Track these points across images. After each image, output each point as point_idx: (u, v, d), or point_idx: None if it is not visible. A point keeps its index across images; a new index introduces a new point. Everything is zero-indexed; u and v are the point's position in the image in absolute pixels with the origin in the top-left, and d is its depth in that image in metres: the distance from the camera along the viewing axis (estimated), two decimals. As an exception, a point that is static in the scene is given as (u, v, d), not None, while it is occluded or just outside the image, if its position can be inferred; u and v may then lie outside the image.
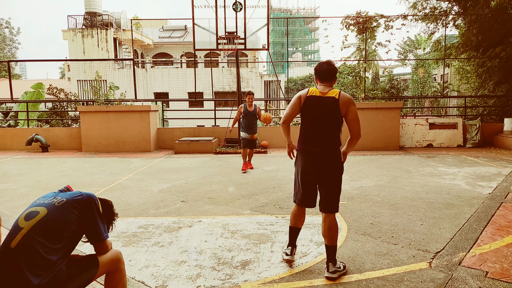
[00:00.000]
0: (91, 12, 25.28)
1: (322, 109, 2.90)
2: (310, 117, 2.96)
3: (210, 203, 5.08)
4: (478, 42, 12.73)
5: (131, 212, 4.72)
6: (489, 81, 13.04)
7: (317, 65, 3.08)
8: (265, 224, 4.17)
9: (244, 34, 10.19)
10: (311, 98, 2.94)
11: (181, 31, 29.81)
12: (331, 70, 3.00)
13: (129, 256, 3.34)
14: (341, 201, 5.07)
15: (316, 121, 2.93)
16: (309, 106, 2.94)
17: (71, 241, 2.04)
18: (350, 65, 13.79)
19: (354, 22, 12.94)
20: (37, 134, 11.01)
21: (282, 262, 3.18)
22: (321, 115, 2.91)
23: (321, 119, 2.91)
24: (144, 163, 8.62)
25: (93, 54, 24.61)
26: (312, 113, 2.94)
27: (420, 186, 5.90)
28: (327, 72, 3.00)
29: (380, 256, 3.29)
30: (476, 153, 9.58)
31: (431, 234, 3.79)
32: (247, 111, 7.48)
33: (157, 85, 24.22)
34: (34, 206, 2.06)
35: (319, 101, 2.91)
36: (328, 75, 3.00)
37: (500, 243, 3.50)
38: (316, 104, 2.91)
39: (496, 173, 6.90)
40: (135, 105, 12.39)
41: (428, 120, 11.22)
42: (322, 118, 2.91)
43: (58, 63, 40.10)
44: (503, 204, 4.79)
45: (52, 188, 6.09)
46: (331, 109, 2.88)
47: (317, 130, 2.95)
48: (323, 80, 3.03)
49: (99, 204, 2.19)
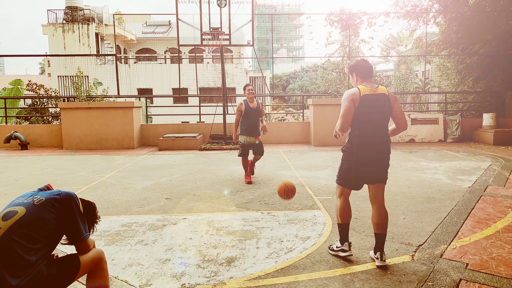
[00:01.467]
0: (72, 7, 24.70)
1: (376, 106, 3.04)
2: (367, 114, 3.04)
3: (195, 200, 5.05)
4: (458, 39, 12.99)
5: (114, 210, 4.65)
6: (468, 77, 13.34)
7: (355, 64, 3.18)
8: (250, 220, 4.17)
9: (228, 30, 10.12)
10: (366, 97, 3.02)
11: (165, 26, 29.44)
12: (371, 67, 3.17)
13: (112, 255, 3.28)
14: (325, 195, 5.13)
15: (373, 117, 3.05)
16: (365, 105, 3.02)
17: (50, 241, 1.99)
18: (334, 61, 13.89)
19: (338, 19, 13.02)
20: (16, 131, 10.70)
21: (268, 258, 3.18)
22: (377, 111, 3.05)
23: (377, 115, 3.05)
24: (127, 161, 8.50)
25: (74, 50, 24.07)
26: (369, 110, 3.04)
27: (403, 181, 6.00)
28: (369, 69, 3.14)
29: (364, 250, 3.33)
30: (457, 148, 9.81)
31: (414, 227, 3.86)
32: (249, 108, 6.05)
33: (140, 81, 23.89)
34: (12, 205, 2.00)
35: (373, 99, 3.03)
36: (371, 72, 3.15)
37: (479, 236, 3.59)
38: (371, 101, 3.03)
39: (476, 167, 7.08)
40: (118, 101, 12.18)
41: (410, 115, 11.41)
42: (377, 113, 3.05)
43: (38, 58, 39.12)
44: (482, 197, 4.92)
45: (31, 186, 5.94)
46: (384, 105, 3.05)
47: (373, 126, 3.06)
48: (366, 77, 3.13)
49: (79, 203, 2.15)
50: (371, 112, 3.04)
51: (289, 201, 4.82)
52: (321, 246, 3.41)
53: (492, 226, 3.83)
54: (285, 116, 16.33)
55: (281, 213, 4.42)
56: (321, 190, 5.49)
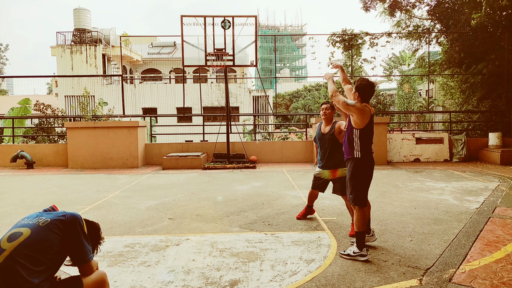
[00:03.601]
0: (80, 29, 25.28)
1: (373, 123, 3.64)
2: (371, 129, 3.59)
3: (198, 221, 5.01)
4: (461, 59, 13.09)
5: (117, 230, 4.62)
6: (472, 96, 13.37)
7: (364, 85, 3.50)
8: (254, 241, 4.11)
9: (232, 51, 10.29)
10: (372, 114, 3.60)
11: (170, 47, 29.98)
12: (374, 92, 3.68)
13: (115, 276, 3.24)
14: (330, 216, 5.07)
15: (372, 132, 3.62)
16: (372, 120, 3.58)
17: (54, 263, 1.98)
18: (337, 81, 14.01)
19: (340, 40, 13.21)
20: (22, 151, 10.79)
21: (272, 281, 3.12)
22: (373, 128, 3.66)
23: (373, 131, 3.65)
24: (131, 180, 8.50)
25: (82, 70, 24.49)
26: (372, 126, 3.60)
27: (409, 201, 5.93)
28: (373, 93, 3.57)
29: (371, 273, 3.26)
30: (463, 168, 9.73)
31: (421, 250, 3.79)
32: (319, 133, 4.63)
33: (145, 100, 24.14)
34: (17, 227, 2.01)
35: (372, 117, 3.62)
36: (372, 96, 3.60)
37: (489, 259, 3.51)
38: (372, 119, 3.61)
39: (483, 187, 7.00)
40: (123, 120, 12.28)
41: (415, 135, 11.39)
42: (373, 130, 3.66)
43: (45, 79, 39.78)
44: (491, 219, 4.84)
45: (36, 206, 5.93)
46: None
47: (371, 140, 3.63)
48: (367, 100, 3.54)
49: (84, 224, 2.14)
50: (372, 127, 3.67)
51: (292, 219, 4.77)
52: (326, 269, 3.35)
53: (502, 249, 3.75)
54: (288, 134, 16.36)
55: (285, 234, 4.36)
56: (325, 210, 5.43)
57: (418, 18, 14.67)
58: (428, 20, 14.40)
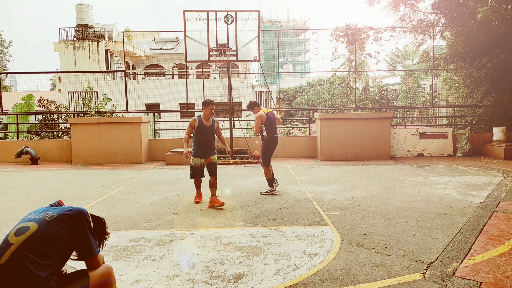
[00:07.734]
0: (82, 25, 25.26)
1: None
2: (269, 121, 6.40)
3: (202, 215, 5.04)
4: (465, 53, 12.98)
5: (122, 225, 4.65)
6: (477, 91, 13.27)
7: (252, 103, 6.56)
8: (258, 236, 4.14)
9: (235, 46, 10.26)
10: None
11: (173, 42, 29.94)
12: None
13: (120, 270, 3.27)
14: (334, 211, 5.08)
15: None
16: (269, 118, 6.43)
17: (61, 257, 2.00)
18: (341, 76, 13.94)
19: (343, 34, 13.11)
20: (26, 147, 10.86)
21: (276, 274, 3.14)
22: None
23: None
24: (135, 175, 8.54)
25: (85, 66, 24.52)
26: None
27: (412, 196, 5.93)
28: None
29: (374, 267, 3.27)
30: (467, 162, 9.70)
31: (424, 244, 3.80)
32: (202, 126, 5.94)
33: (148, 96, 24.18)
34: (25, 221, 2.03)
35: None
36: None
37: (493, 253, 3.52)
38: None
39: (487, 182, 6.98)
40: (127, 116, 12.31)
41: (418, 129, 11.35)
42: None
43: (48, 75, 39.85)
44: (495, 213, 4.84)
45: (41, 201, 5.98)
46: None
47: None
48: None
49: (90, 219, 2.16)
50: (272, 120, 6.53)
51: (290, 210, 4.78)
52: (330, 263, 3.36)
53: (506, 243, 3.75)
54: (292, 130, 16.33)
55: (288, 229, 4.38)
56: (329, 205, 5.44)
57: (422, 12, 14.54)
58: (432, 14, 14.27)
